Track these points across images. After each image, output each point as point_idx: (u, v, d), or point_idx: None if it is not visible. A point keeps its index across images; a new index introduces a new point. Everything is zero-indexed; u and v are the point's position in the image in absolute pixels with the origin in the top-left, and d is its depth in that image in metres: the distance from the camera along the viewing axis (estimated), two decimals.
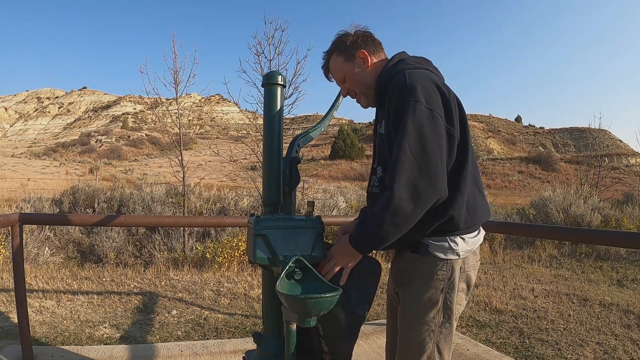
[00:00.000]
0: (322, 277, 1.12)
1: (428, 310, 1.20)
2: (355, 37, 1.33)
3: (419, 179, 1.06)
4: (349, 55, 1.33)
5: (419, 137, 1.07)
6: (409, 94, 1.11)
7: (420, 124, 1.08)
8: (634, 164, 42.70)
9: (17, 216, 2.28)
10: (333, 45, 1.37)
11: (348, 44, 1.32)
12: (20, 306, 2.28)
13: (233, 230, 6.16)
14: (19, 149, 69.79)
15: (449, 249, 1.18)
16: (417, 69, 1.21)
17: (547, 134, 63.14)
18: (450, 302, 1.21)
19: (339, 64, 1.35)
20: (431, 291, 1.19)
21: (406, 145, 1.07)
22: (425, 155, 1.07)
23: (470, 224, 1.20)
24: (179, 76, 6.31)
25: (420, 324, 1.20)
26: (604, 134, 37.38)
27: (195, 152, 49.32)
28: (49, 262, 5.29)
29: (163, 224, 5.37)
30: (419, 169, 1.06)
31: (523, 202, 13.75)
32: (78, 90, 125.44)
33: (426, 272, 1.20)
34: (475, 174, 1.23)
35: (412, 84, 1.12)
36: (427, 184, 1.06)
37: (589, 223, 7.13)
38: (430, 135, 1.08)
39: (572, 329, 3.26)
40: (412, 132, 1.07)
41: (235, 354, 2.62)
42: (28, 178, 24.13)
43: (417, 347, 1.21)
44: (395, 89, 1.16)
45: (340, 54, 1.34)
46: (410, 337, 1.22)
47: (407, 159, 1.06)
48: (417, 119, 1.08)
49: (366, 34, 1.35)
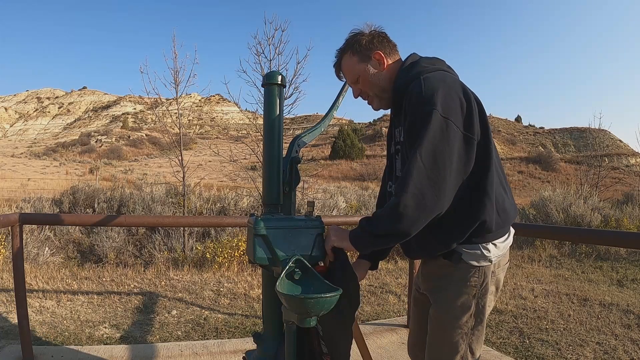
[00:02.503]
0: (322, 277, 1.12)
1: (461, 315, 1.20)
2: (371, 37, 1.28)
3: (426, 188, 1.05)
4: (364, 56, 1.28)
5: (433, 147, 1.06)
6: (425, 102, 1.08)
7: (434, 135, 1.06)
8: (634, 164, 42.71)
9: (17, 216, 2.28)
10: (347, 44, 1.31)
11: (363, 43, 1.27)
12: (20, 306, 2.28)
13: (233, 230, 6.16)
14: (19, 149, 69.80)
15: (482, 257, 1.18)
16: (432, 72, 1.18)
17: (547, 134, 63.16)
18: (482, 306, 1.22)
19: (353, 64, 1.29)
20: (464, 297, 1.20)
21: (418, 155, 1.05)
22: (435, 166, 1.06)
23: (501, 226, 1.20)
24: (179, 76, 6.32)
25: (454, 328, 1.21)
26: (604, 134, 37.39)
27: (195, 152, 49.31)
28: (49, 262, 5.29)
29: (163, 224, 5.37)
30: (428, 180, 1.05)
31: (523, 202, 13.74)
32: (78, 90, 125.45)
33: (459, 279, 1.20)
34: (500, 174, 1.22)
35: (429, 91, 1.10)
36: (434, 194, 1.05)
37: (589, 223, 7.13)
38: (443, 146, 1.06)
39: (572, 329, 3.26)
40: (426, 142, 1.06)
41: (235, 354, 2.62)
42: (28, 178, 24.13)
43: (450, 349, 1.22)
44: (411, 97, 1.13)
45: (354, 53, 1.29)
46: (444, 340, 1.23)
47: (417, 169, 1.05)
48: (432, 128, 1.06)
49: (382, 34, 1.30)
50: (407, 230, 1.07)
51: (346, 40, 1.33)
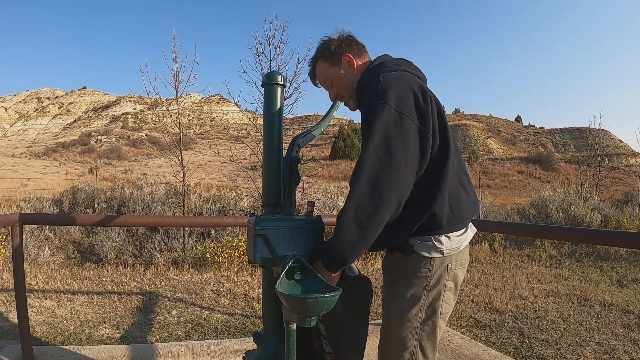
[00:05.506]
0: (322, 277, 1.12)
1: (410, 308, 1.20)
2: (339, 41, 1.35)
3: (380, 174, 1.06)
4: (334, 60, 1.34)
5: (384, 139, 1.08)
6: (379, 97, 1.11)
7: (386, 127, 1.08)
8: (634, 164, 42.70)
9: (17, 216, 2.28)
10: (318, 52, 1.39)
11: (333, 49, 1.34)
12: (20, 306, 2.28)
13: (233, 230, 6.16)
14: (19, 149, 69.81)
15: (433, 247, 1.18)
16: (393, 72, 1.21)
17: (547, 134, 63.14)
18: (434, 299, 1.21)
19: (325, 69, 1.37)
20: (414, 289, 1.20)
21: (370, 146, 1.07)
22: (388, 154, 1.07)
23: (454, 222, 1.19)
24: (179, 76, 6.32)
25: (403, 321, 1.21)
26: (604, 134, 37.39)
27: (195, 152, 49.31)
28: (49, 262, 5.29)
29: (163, 224, 5.37)
30: (380, 166, 1.06)
31: (523, 202, 13.75)
32: (78, 90, 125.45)
33: (410, 271, 1.21)
34: (459, 173, 1.23)
35: (384, 87, 1.13)
36: (389, 179, 1.06)
37: (589, 223, 7.13)
38: (395, 137, 1.08)
39: (572, 329, 3.26)
40: (378, 134, 1.08)
41: (235, 354, 2.62)
42: (28, 178, 24.12)
43: (399, 344, 1.22)
44: (368, 93, 1.17)
45: (326, 59, 1.36)
46: (393, 334, 1.23)
47: (370, 159, 1.07)
48: (384, 121, 1.08)
49: (350, 37, 1.37)
50: (367, 224, 1.05)
51: (317, 48, 1.40)
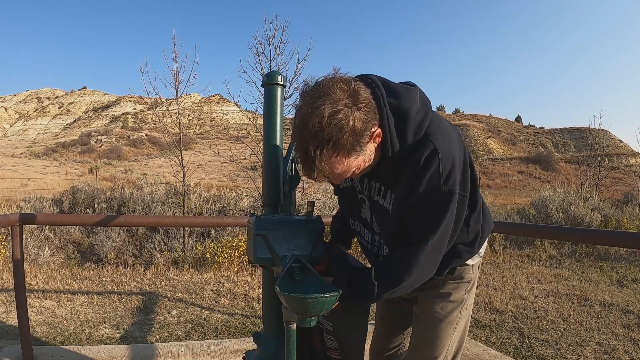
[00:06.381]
0: (322, 277, 1.12)
1: (455, 310, 1.24)
2: (360, 108, 0.90)
3: (427, 272, 1.07)
4: (358, 145, 0.92)
5: (445, 228, 1.02)
6: (445, 182, 0.97)
7: (451, 214, 1.01)
8: (634, 164, 42.73)
9: (17, 216, 2.28)
10: (323, 136, 0.87)
11: (358, 129, 0.89)
12: (20, 306, 2.28)
13: (233, 230, 6.16)
14: (19, 149, 69.80)
15: (477, 256, 1.25)
16: (440, 135, 1.00)
17: (547, 134, 63.17)
18: (471, 299, 1.29)
19: (346, 163, 0.94)
20: (460, 292, 1.24)
21: (430, 242, 1.01)
22: (441, 248, 1.05)
23: (489, 229, 1.26)
24: (179, 76, 6.32)
25: (447, 322, 1.24)
26: (604, 134, 37.41)
27: (195, 152, 49.31)
28: (49, 262, 5.29)
29: (163, 224, 5.37)
30: (430, 266, 1.06)
31: (523, 202, 13.75)
32: (78, 90, 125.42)
33: (457, 276, 1.24)
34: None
35: (445, 167, 0.97)
36: (434, 267, 1.08)
37: (589, 223, 7.13)
38: (450, 220, 1.02)
39: (572, 329, 3.26)
40: (442, 227, 1.00)
41: (235, 354, 2.62)
42: (28, 178, 24.13)
43: (440, 344, 1.25)
44: (422, 171, 0.97)
45: (341, 150, 0.91)
46: (435, 335, 1.25)
47: (425, 255, 1.02)
48: (451, 209, 1.00)
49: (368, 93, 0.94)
50: (401, 293, 1.09)
51: (311, 123, 0.87)
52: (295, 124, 0.94)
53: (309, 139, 0.89)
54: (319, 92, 0.90)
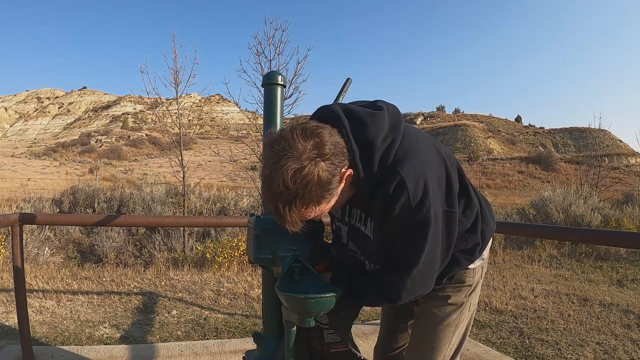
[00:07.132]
0: (322, 277, 1.12)
1: (454, 312, 1.24)
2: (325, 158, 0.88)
3: (420, 291, 1.07)
4: (327, 192, 0.91)
5: (430, 254, 1.00)
6: (416, 212, 0.94)
7: (431, 243, 0.98)
8: (634, 164, 42.70)
9: (17, 216, 2.28)
10: (289, 194, 0.87)
11: (324, 179, 0.88)
12: (20, 306, 2.28)
13: (233, 230, 6.16)
14: (19, 149, 69.78)
15: (480, 259, 1.24)
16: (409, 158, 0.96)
17: (547, 134, 63.13)
18: (472, 302, 1.27)
19: (318, 210, 0.94)
20: (460, 295, 1.24)
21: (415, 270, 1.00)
22: (431, 271, 1.04)
23: (491, 231, 1.24)
24: (179, 76, 6.31)
25: (446, 325, 1.24)
26: (604, 134, 37.37)
27: (195, 152, 49.30)
28: (49, 262, 5.29)
29: (163, 224, 5.38)
30: (422, 286, 1.06)
31: (523, 202, 13.74)
32: (78, 90, 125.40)
33: (457, 280, 1.23)
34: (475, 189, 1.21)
35: (416, 195, 0.93)
36: (427, 286, 1.07)
37: (589, 223, 7.13)
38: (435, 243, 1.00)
39: (572, 329, 3.26)
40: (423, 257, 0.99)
41: (235, 354, 2.62)
42: (28, 178, 24.13)
43: (438, 345, 1.25)
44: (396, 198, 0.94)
45: (310, 202, 0.90)
46: (433, 336, 1.25)
47: (412, 280, 1.02)
48: (430, 239, 0.97)
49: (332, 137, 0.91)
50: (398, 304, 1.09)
51: (276, 182, 0.86)
52: (262, 181, 0.93)
53: (276, 198, 0.89)
54: (281, 148, 0.87)
